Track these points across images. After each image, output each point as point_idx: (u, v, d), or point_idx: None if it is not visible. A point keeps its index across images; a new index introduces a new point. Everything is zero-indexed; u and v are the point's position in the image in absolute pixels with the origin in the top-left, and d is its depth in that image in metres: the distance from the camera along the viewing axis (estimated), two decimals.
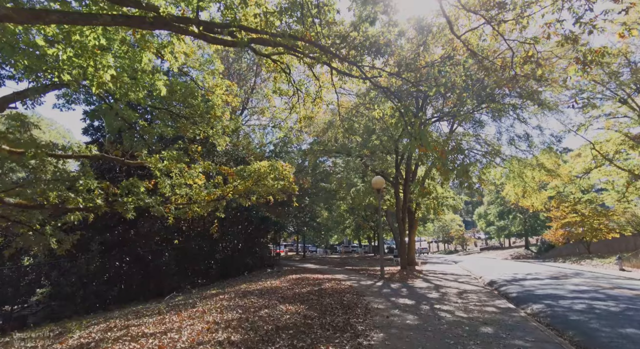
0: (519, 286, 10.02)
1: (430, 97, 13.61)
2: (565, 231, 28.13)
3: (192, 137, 12.40)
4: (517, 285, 10.40)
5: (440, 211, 20.88)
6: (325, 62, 8.91)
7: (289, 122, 13.23)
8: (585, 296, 7.63)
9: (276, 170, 10.69)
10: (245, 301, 6.36)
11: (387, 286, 9.82)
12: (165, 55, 8.24)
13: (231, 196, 12.09)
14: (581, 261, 22.97)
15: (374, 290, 8.75)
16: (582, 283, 10.47)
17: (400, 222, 17.66)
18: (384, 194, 20.67)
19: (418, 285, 10.17)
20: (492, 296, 8.36)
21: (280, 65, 10.34)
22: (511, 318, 5.66)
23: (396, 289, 9.21)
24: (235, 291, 8.51)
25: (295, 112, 12.31)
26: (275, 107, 12.62)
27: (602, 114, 20.20)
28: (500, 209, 47.71)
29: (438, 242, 71.43)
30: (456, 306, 6.59)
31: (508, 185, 20.92)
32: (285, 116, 11.80)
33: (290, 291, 7.87)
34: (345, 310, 5.66)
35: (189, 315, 5.34)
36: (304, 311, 5.41)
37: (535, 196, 21.76)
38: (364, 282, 10.57)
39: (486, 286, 11.01)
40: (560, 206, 28.12)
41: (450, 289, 9.25)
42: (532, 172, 19.34)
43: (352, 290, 8.41)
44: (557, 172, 19.42)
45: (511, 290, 9.28)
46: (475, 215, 58.88)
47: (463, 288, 9.58)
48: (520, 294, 8.59)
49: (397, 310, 6.04)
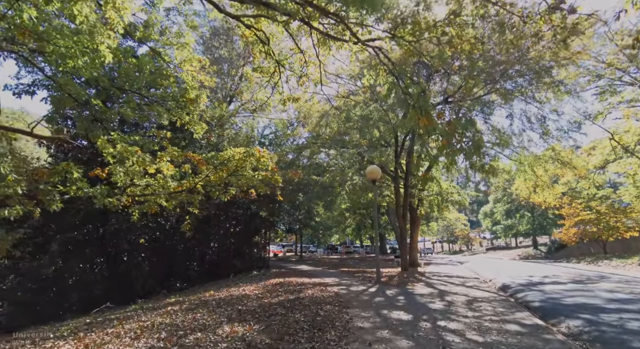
0: (539, 293, 8.39)
1: (433, 74, 12.07)
2: (578, 229, 26.28)
3: (167, 123, 10.97)
4: (536, 291, 8.77)
5: (444, 208, 19.22)
6: (303, 19, 7.39)
7: (272, 104, 11.70)
8: (633, 308, 6.00)
9: (252, 156, 9.15)
10: (187, 317, 4.84)
11: (382, 292, 8.25)
12: (107, 11, 6.76)
13: (201, 188, 10.61)
14: (598, 262, 21.19)
15: (364, 299, 7.18)
16: (614, 288, 8.80)
17: (401, 220, 16.05)
18: (383, 190, 19.08)
19: (419, 291, 8.59)
20: (510, 305, 6.76)
21: (258, 34, 8.83)
22: (546, 343, 4.07)
23: (391, 296, 7.64)
24: (193, 300, 7.00)
25: (279, 93, 10.84)
26: (258, 84, 11.02)
27: (622, 101, 18.40)
28: (507, 207, 45.80)
29: (442, 242, 69.55)
30: (467, 323, 5.01)
31: (518, 179, 19.22)
32: (268, 98, 10.20)
33: (257, 302, 6.34)
34: (314, 332, 4.11)
35: (93, 340, 3.83)
36: (252, 336, 3.89)
37: (548, 191, 20.03)
38: (355, 287, 9.00)
39: (499, 291, 9.40)
40: (573, 202, 26.30)
41: (456, 297, 7.67)
42: (545, 165, 17.65)
43: (337, 299, 6.85)
44: (572, 164, 17.70)
45: (532, 298, 7.67)
46: (481, 214, 56.98)
47: (472, 295, 7.98)
48: (544, 303, 6.97)
49: (387, 331, 4.47)
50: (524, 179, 18.85)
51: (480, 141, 5.55)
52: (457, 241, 59.06)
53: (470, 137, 5.96)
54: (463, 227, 53.07)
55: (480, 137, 5.75)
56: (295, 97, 11.46)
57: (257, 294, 7.53)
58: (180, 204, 11.37)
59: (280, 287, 8.60)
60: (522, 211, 42.97)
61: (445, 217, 44.84)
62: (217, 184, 10.66)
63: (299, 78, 10.28)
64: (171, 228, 16.13)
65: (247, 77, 10.59)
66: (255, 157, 9.16)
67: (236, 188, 11.38)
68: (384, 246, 42.58)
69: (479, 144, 5.44)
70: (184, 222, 15.24)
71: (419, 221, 18.97)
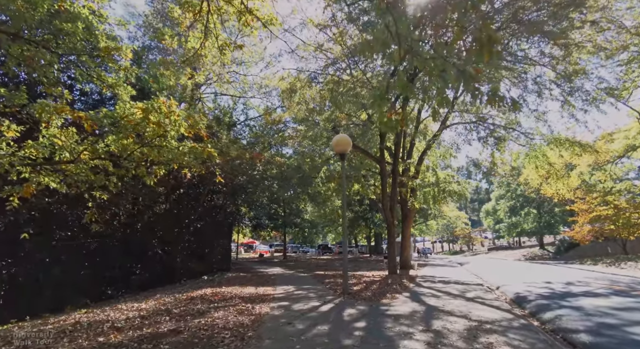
0: (576, 312, 5.57)
1: None
2: (594, 226, 23.38)
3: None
4: (569, 307, 5.96)
5: (440, 200, 16.36)
6: None
7: (208, 56, 8.86)
8: None
9: (156, 112, 6.32)
10: None
11: (338, 312, 5.44)
12: None
13: (109, 165, 7.85)
14: (620, 264, 18.36)
15: (296, 328, 4.38)
16: None
17: (388, 214, 13.24)
18: (368, 179, 16.28)
19: (396, 309, 5.78)
20: (539, 340, 3.96)
21: None
22: None
23: (348, 321, 4.84)
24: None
25: (214, 37, 8.10)
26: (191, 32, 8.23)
27: None
28: (511, 203, 42.83)
29: (442, 242, 66.73)
30: None
31: (528, 166, 16.38)
32: (200, 46, 7.43)
33: (95, 340, 3.57)
34: None
35: None
36: None
37: (562, 181, 17.20)
38: (303, 304, 6.18)
39: (513, 306, 6.60)
40: (587, 196, 23.37)
41: (452, 319, 4.87)
42: (561, 148, 14.76)
43: (245, 330, 4.06)
44: (594, 147, 14.88)
45: (571, 323, 4.85)
46: (482, 212, 54.04)
47: (476, 317, 5.17)
48: (599, 338, 4.14)
49: None
50: (536, 167, 16.00)
51: (494, 35, 2.77)
52: (457, 240, 56.15)
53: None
54: (464, 226, 50.11)
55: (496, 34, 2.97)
56: (238, 44, 8.72)
57: (137, 316, 4.74)
58: (90, 186, 8.62)
59: (193, 303, 5.80)
60: (528, 207, 40.00)
61: (445, 216, 41.98)
62: (132, 160, 7.91)
63: (239, 16, 7.51)
64: (116, 222, 13.36)
65: (170, 15, 7.81)
66: (163, 113, 6.34)
67: (162, 166, 8.65)
68: (379, 246, 39.77)
69: (490, 36, 2.67)
70: (118, 216, 12.52)
71: (411, 216, 16.13)
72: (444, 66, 3.55)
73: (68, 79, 12.57)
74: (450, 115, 15.35)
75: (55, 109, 6.24)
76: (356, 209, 35.71)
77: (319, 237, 47.29)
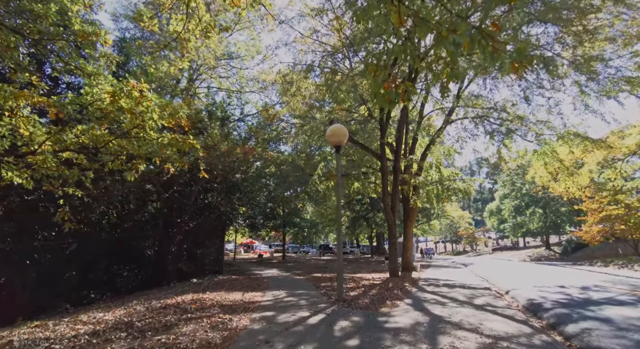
0: (605, 325, 4.83)
1: None
2: (604, 226, 22.46)
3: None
4: (594, 319, 5.22)
5: (445, 199, 15.56)
6: None
7: (192, 41, 8.16)
8: None
9: (131, 98, 5.62)
10: None
11: (329, 324, 4.74)
12: None
13: (84, 160, 7.20)
14: (632, 265, 17.60)
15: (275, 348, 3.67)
16: None
17: (389, 212, 12.52)
18: (369, 176, 15.54)
19: (396, 319, 5.07)
20: None
21: None
22: None
23: (339, 336, 4.13)
24: None
25: (197, 19, 7.41)
26: None
27: None
28: (516, 203, 41.86)
29: (445, 242, 65.77)
30: None
31: (537, 163, 15.56)
32: (182, 28, 6.73)
33: None
34: None
35: None
36: None
37: (572, 179, 16.36)
38: (291, 313, 5.47)
39: (527, 314, 5.87)
40: (596, 195, 22.45)
41: (460, 334, 4.15)
42: (572, 144, 13.93)
43: None
44: (607, 143, 14.05)
45: (602, 341, 4.11)
46: (486, 212, 53.07)
47: (488, 330, 4.45)
48: None
49: None
50: (544, 163, 15.17)
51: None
52: (460, 241, 55.15)
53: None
54: (467, 225, 49.15)
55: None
56: (224, 26, 8.04)
57: (89, 332, 4.05)
58: (63, 182, 7.97)
59: (164, 314, 5.09)
60: (534, 207, 39.04)
61: (448, 215, 41.09)
62: (108, 152, 7.25)
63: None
64: (105, 219, 12.73)
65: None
66: (135, 99, 5.64)
67: (142, 160, 7.96)
68: (381, 246, 38.97)
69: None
70: (107, 216, 11.88)
71: (413, 214, 15.36)
72: (454, 25, 2.83)
73: (52, 70, 11.96)
74: (455, 109, 14.60)
75: (13, 95, 5.57)
76: (357, 209, 34.93)
77: (320, 238, 46.51)
